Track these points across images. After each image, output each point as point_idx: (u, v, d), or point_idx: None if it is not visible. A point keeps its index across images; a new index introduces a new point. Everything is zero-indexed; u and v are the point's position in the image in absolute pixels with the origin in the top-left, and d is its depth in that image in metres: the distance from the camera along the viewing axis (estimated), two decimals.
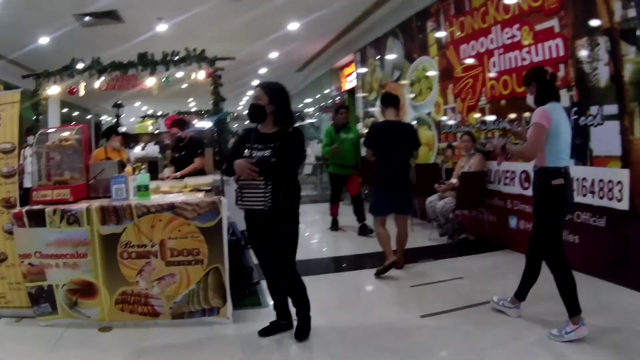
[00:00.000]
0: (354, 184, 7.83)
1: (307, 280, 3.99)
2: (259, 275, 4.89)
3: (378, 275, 5.37)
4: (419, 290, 4.95)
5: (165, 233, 4.12)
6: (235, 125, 42.54)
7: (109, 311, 4.21)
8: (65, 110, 17.72)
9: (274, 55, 13.34)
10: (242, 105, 28.86)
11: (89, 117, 22.46)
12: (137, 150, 8.05)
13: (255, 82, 17.42)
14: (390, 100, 5.74)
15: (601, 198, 4.90)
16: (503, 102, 6.42)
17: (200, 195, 4.72)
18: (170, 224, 4.12)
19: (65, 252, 4.13)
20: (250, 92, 21.49)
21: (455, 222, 6.67)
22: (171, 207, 4.14)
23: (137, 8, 8.74)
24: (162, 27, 9.76)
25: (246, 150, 3.69)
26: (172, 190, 5.13)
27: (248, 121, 3.77)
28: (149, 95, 10.77)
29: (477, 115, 7.01)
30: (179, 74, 6.41)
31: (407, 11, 8.94)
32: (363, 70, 11.78)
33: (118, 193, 4.33)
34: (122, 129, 6.77)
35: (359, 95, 12.25)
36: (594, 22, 4.92)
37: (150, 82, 6.50)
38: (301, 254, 4.00)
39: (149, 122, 19.94)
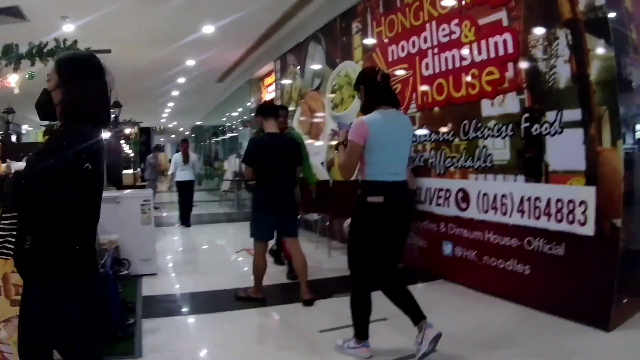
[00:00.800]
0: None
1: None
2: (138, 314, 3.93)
3: (237, 298, 4.73)
4: (328, 338, 3.69)
5: (8, 266, 3.01)
6: (162, 138, 40.64)
7: None
8: None
9: (191, 62, 12.06)
10: (165, 118, 27.19)
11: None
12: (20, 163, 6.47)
13: (175, 93, 16.64)
14: (269, 111, 4.82)
15: (559, 221, 3.89)
16: (436, 109, 5.36)
17: None
18: None
19: None
20: (171, 104, 20.08)
21: None
22: None
23: (40, 5, 7.44)
24: (68, 27, 8.36)
25: None
26: None
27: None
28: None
29: None
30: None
31: (331, 13, 7.83)
32: (283, 79, 10.59)
33: None
34: None
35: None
36: (552, 13, 3.93)
37: (13, 79, 4.97)
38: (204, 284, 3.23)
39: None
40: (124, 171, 10.98)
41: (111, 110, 8.14)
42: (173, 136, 36.26)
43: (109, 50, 4.28)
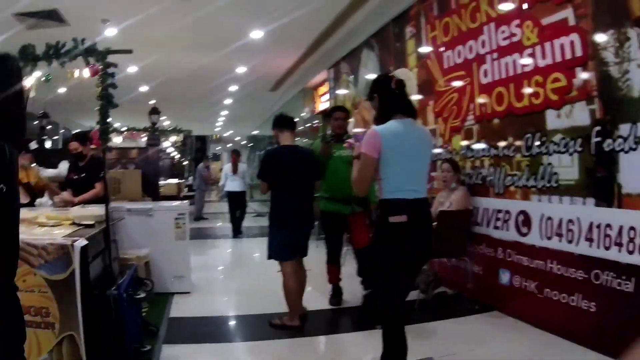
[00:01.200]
0: (359, 228, 5.10)
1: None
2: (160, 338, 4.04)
3: (271, 325, 4.52)
4: None
5: None
6: (218, 147, 41.35)
7: None
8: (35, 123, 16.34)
9: (241, 70, 12.02)
10: (219, 127, 27.61)
11: (62, 131, 20.75)
12: (52, 169, 6.60)
13: (229, 101, 16.78)
14: (285, 123, 4.70)
15: (631, 253, 3.45)
16: (496, 121, 4.99)
17: (61, 233, 3.35)
18: None
19: None
20: (224, 112, 20.31)
21: (429, 274, 5.15)
22: None
23: (79, 8, 7.52)
24: (110, 31, 8.50)
25: None
26: (47, 223, 3.89)
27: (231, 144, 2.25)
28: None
29: (462, 138, 5.58)
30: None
31: (383, 17, 7.56)
32: (336, 88, 10.40)
33: None
34: (33, 145, 5.31)
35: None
36: (621, 10, 3.52)
37: (29, 81, 4.99)
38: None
39: None
40: (168, 180, 11.12)
41: (153, 117, 8.20)
42: (229, 145, 36.79)
43: (130, 50, 4.17)
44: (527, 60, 4.51)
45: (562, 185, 4.16)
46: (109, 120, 3.98)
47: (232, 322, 4.86)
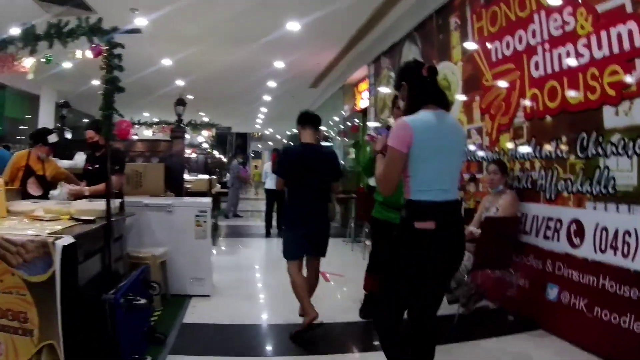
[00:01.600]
0: None
1: None
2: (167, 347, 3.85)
3: (295, 338, 4.31)
4: None
5: None
6: (259, 145, 41.49)
7: None
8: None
9: (279, 64, 11.95)
10: (260, 124, 27.64)
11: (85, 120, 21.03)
12: (67, 161, 6.52)
13: (268, 98, 16.72)
14: (308, 120, 4.67)
15: None
16: (548, 119, 4.65)
17: (49, 228, 3.22)
18: None
19: None
20: (264, 109, 20.28)
21: (470, 286, 4.84)
22: None
23: None
24: (140, 21, 8.55)
25: None
26: (43, 217, 3.72)
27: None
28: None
29: (510, 138, 5.25)
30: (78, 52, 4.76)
31: (426, 9, 7.28)
32: (377, 84, 10.12)
33: None
34: (53, 138, 5.21)
35: (372, 114, 10.52)
36: None
37: (28, 62, 4.87)
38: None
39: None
40: (199, 176, 11.06)
41: (178, 108, 8.07)
42: (271, 143, 36.90)
43: (138, 29, 4.00)
44: (581, 51, 4.17)
45: (620, 191, 3.80)
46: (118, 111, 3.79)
47: (250, 332, 4.61)
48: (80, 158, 6.29)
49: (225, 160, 17.16)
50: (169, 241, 5.46)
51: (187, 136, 11.64)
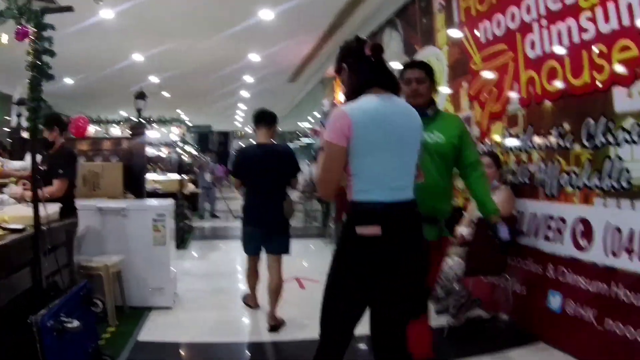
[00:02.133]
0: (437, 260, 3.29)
1: None
2: None
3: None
4: None
5: None
6: (241, 144, 41.01)
7: None
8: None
9: (255, 57, 11.40)
10: (240, 122, 27.08)
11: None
12: (18, 162, 5.94)
13: (245, 94, 16.19)
14: (261, 118, 4.69)
15: None
16: (547, 104, 4.10)
17: None
18: None
19: None
20: (243, 107, 19.71)
21: (462, 294, 4.28)
22: None
23: None
24: (106, 13, 8.05)
25: None
26: None
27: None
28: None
29: (504, 127, 4.70)
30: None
31: None
32: None
33: None
34: None
35: None
36: None
37: None
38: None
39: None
40: (169, 176, 10.41)
41: (138, 102, 7.50)
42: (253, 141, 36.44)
43: (70, 7, 3.42)
44: (585, 26, 3.62)
45: (636, 185, 3.26)
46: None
47: (214, 352, 4.03)
48: (29, 158, 5.70)
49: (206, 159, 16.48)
50: (125, 249, 4.90)
51: (155, 134, 11.02)
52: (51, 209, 3.63)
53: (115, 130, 9.97)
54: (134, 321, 4.53)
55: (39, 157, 5.48)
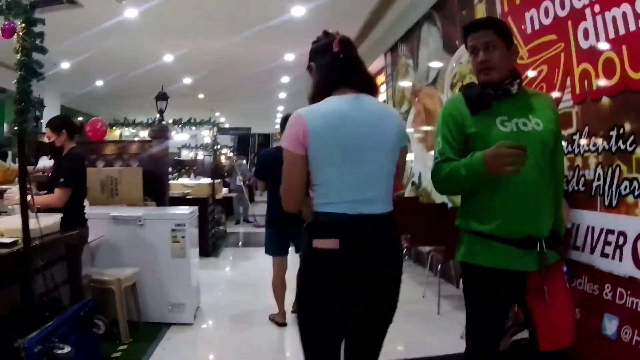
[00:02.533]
0: (559, 302, 2.43)
1: None
2: None
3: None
4: None
5: None
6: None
7: None
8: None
9: (289, 57, 11.15)
10: (278, 122, 26.94)
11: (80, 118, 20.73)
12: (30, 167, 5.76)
13: (283, 95, 16.02)
14: (284, 125, 4.13)
15: None
16: (605, 100, 3.58)
17: None
18: None
19: None
20: (281, 108, 19.52)
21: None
22: None
23: None
24: (130, 12, 7.95)
25: None
26: None
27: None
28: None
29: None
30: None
31: None
32: (395, 75, 9.14)
33: None
34: None
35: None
36: None
37: None
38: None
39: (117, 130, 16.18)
40: (200, 180, 10.17)
41: (160, 104, 7.27)
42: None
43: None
44: None
45: None
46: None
47: None
48: (43, 163, 5.49)
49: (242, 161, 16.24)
50: (141, 261, 4.63)
51: (184, 136, 10.80)
52: (50, 220, 3.37)
53: (145, 133, 9.81)
54: (148, 339, 4.27)
55: (49, 163, 5.34)
